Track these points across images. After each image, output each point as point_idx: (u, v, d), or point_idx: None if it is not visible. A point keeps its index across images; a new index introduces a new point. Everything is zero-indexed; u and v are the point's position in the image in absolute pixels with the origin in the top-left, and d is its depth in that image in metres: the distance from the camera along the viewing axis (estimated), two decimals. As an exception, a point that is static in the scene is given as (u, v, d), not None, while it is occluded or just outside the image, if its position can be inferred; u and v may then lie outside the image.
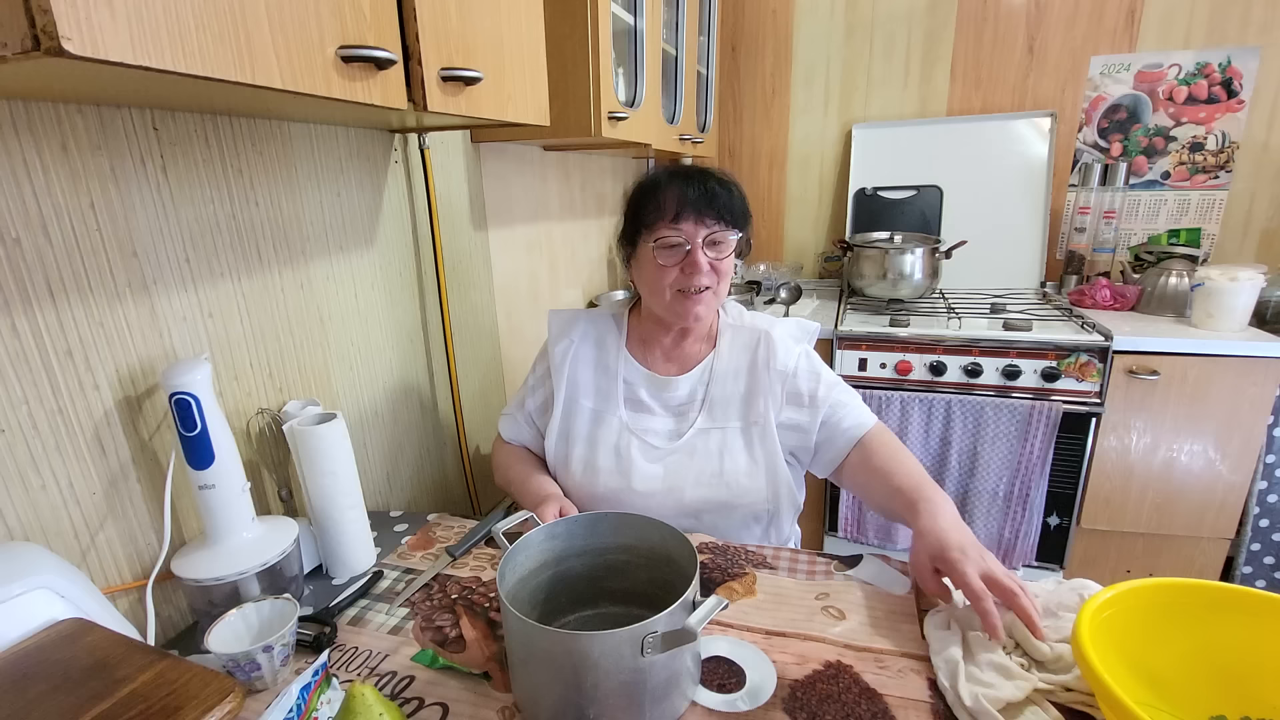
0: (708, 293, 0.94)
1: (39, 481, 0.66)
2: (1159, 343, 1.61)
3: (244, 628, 0.68)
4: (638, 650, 0.55)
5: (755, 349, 1.01)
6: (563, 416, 1.03)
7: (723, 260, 0.94)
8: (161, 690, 0.49)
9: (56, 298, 0.65)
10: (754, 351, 1.01)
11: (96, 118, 0.67)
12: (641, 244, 0.96)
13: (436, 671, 0.69)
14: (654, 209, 0.93)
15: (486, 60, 0.82)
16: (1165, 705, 0.57)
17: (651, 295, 0.98)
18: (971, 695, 0.60)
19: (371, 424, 1.13)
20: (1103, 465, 1.72)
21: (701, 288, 0.93)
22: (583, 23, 1.22)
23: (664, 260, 0.93)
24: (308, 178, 0.95)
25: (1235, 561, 1.77)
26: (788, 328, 1.04)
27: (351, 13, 0.60)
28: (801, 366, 1.01)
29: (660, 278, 0.94)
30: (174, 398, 0.69)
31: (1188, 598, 0.62)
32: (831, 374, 1.02)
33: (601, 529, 0.75)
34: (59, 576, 0.58)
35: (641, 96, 1.51)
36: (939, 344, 1.73)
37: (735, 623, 0.75)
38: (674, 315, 0.97)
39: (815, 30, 2.31)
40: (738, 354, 1.02)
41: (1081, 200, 2.13)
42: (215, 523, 0.75)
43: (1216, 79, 1.98)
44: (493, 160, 1.44)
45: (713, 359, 1.02)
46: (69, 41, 0.38)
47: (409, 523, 1.02)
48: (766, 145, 2.48)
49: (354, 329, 1.07)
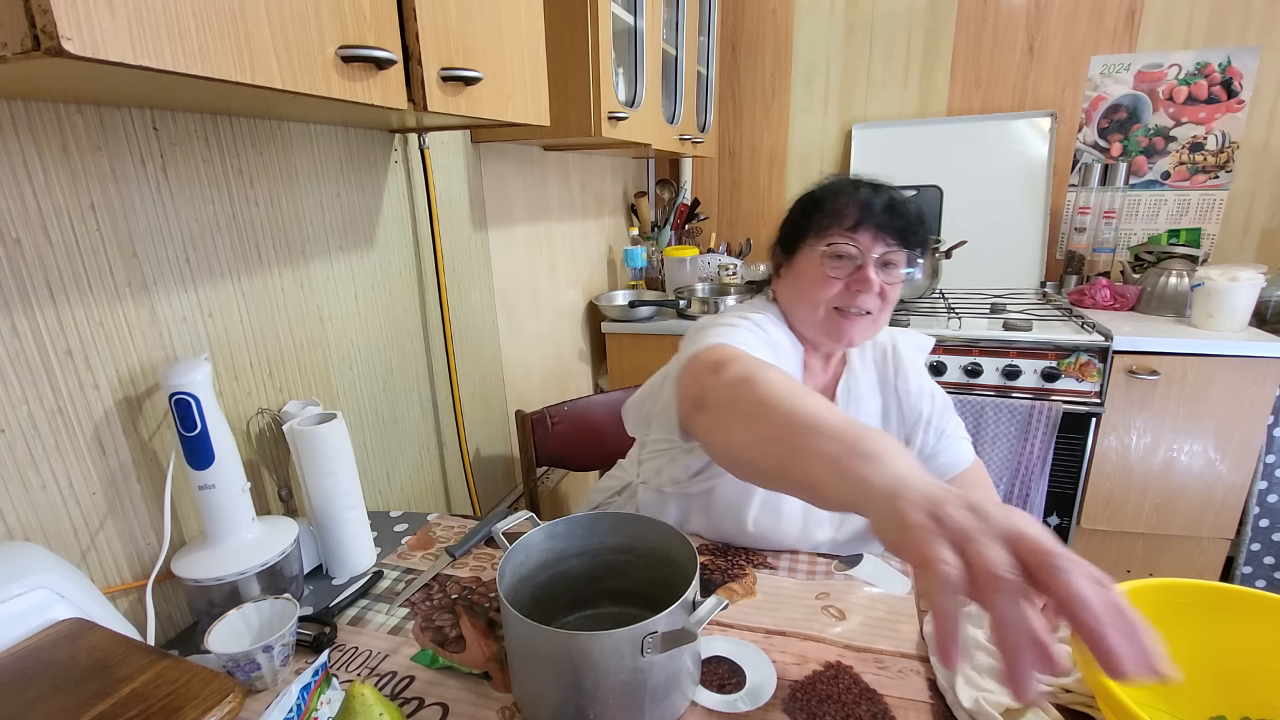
0: (868, 318, 0.86)
1: (39, 481, 0.66)
2: (1159, 343, 1.61)
3: (244, 628, 0.68)
4: (638, 650, 0.55)
5: (884, 364, 0.96)
6: None
7: (892, 286, 0.87)
8: (161, 690, 0.49)
9: (56, 298, 0.65)
10: (883, 368, 0.96)
11: (96, 118, 0.68)
12: (806, 250, 0.89)
13: (436, 671, 0.69)
14: (830, 213, 0.86)
15: (486, 60, 0.82)
16: (1165, 705, 0.57)
17: (804, 309, 0.90)
18: (971, 698, 0.60)
19: (371, 424, 1.13)
20: (1103, 465, 1.72)
21: (864, 310, 0.86)
22: (583, 23, 1.22)
23: (831, 271, 0.86)
24: (308, 178, 0.95)
25: (1235, 561, 1.77)
26: (911, 339, 0.99)
27: (351, 13, 0.60)
28: (925, 386, 0.96)
29: (820, 290, 0.87)
30: (174, 398, 0.69)
31: (1188, 598, 0.62)
32: (943, 396, 0.97)
33: (601, 529, 0.75)
34: (59, 576, 0.58)
35: (641, 96, 1.51)
36: (939, 344, 1.72)
37: (735, 623, 0.75)
38: (824, 335, 0.89)
39: (815, 30, 2.31)
40: (869, 370, 0.96)
41: (1081, 200, 2.13)
42: (215, 523, 0.75)
43: (1216, 79, 1.98)
44: (493, 160, 1.44)
45: (848, 379, 0.96)
46: (69, 41, 0.38)
47: (409, 523, 1.02)
48: (766, 145, 2.48)
49: (354, 329, 1.07)
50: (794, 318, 0.92)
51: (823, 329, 0.89)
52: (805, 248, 0.89)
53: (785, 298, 0.94)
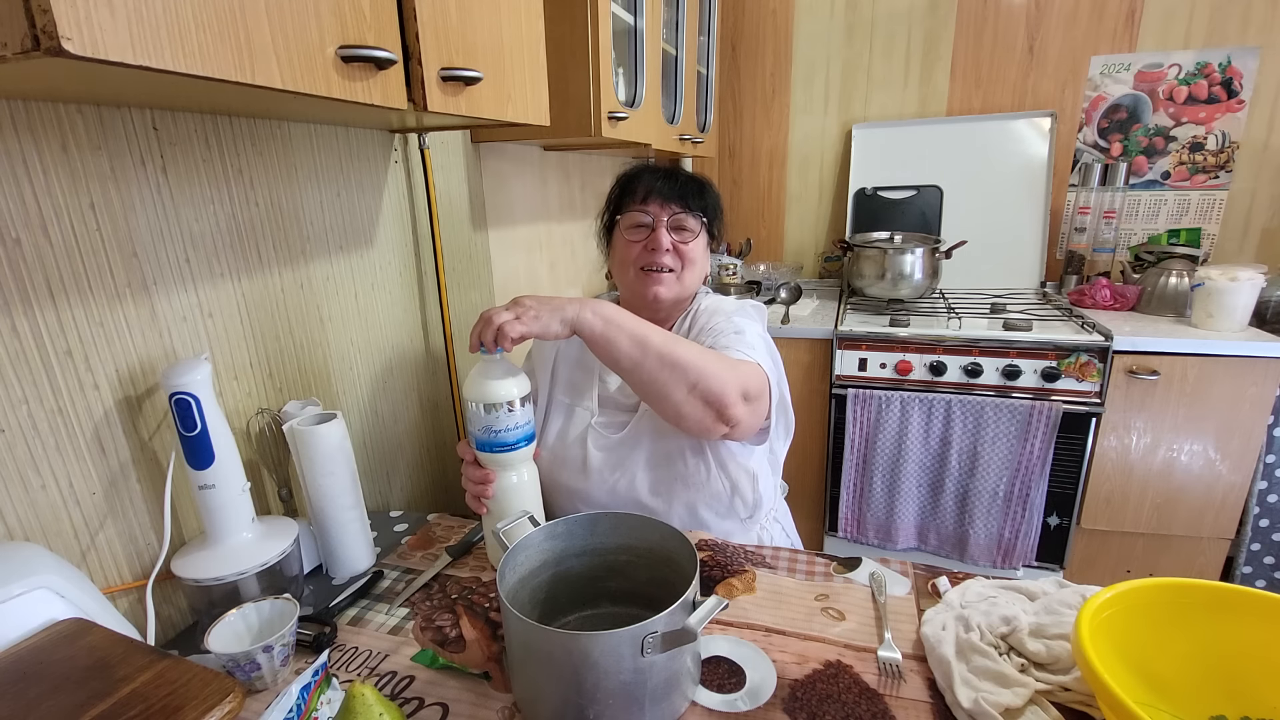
0: (670, 275, 0.99)
1: (39, 481, 0.66)
2: (1159, 343, 1.61)
3: (244, 628, 0.68)
4: (638, 650, 0.55)
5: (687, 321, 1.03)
6: (543, 413, 1.05)
7: (686, 244, 0.99)
8: (161, 690, 0.49)
9: (56, 298, 0.65)
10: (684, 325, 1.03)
11: (96, 118, 0.67)
12: (616, 230, 1.03)
13: (436, 671, 0.69)
14: (628, 195, 1.02)
15: (486, 60, 0.82)
16: (1165, 705, 0.57)
17: (621, 276, 1.04)
18: (971, 698, 0.60)
19: (371, 424, 1.13)
20: (1103, 465, 1.72)
21: (663, 266, 0.98)
22: (583, 23, 1.22)
23: (630, 237, 1.00)
24: (308, 178, 0.95)
25: (1235, 561, 1.77)
26: (726, 303, 1.04)
27: (351, 12, 0.60)
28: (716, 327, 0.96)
29: (627, 254, 1.00)
30: (174, 398, 0.69)
31: (1188, 598, 0.62)
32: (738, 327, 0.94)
33: (601, 529, 0.75)
34: (59, 576, 0.58)
35: (641, 96, 1.51)
36: (939, 344, 1.73)
37: (735, 620, 0.75)
38: (636, 296, 1.01)
39: (815, 30, 2.31)
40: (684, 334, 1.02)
41: (1081, 200, 2.13)
42: (215, 523, 0.75)
43: (1216, 79, 1.98)
44: (493, 160, 1.44)
45: None
46: (69, 41, 0.38)
47: (409, 523, 1.02)
48: (766, 145, 2.48)
49: (354, 329, 1.07)
50: (620, 289, 1.07)
51: (634, 289, 1.02)
52: (616, 228, 1.03)
53: (614, 274, 1.07)
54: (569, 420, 1.02)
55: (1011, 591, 0.76)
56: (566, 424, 1.02)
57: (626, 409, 1.01)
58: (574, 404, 1.03)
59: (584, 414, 1.02)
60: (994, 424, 1.67)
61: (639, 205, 1.00)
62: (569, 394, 1.04)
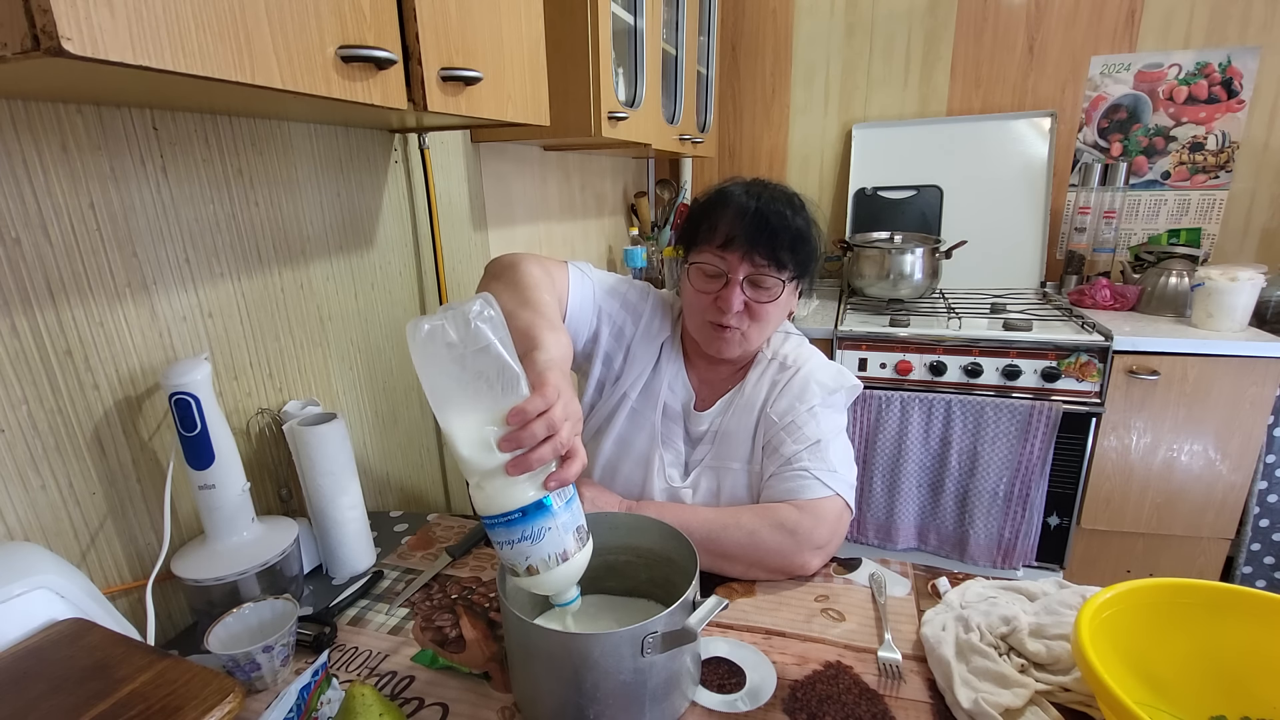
0: (736, 333, 0.86)
1: (39, 481, 0.66)
2: (1159, 343, 1.61)
3: (244, 628, 0.68)
4: (638, 650, 0.55)
5: (774, 387, 0.91)
6: (606, 395, 0.95)
7: (763, 305, 0.85)
8: (161, 690, 0.49)
9: (56, 298, 0.65)
10: (771, 390, 0.90)
11: (96, 118, 0.67)
12: (690, 262, 0.88)
13: (436, 671, 0.69)
14: (707, 228, 0.86)
15: (486, 60, 0.82)
16: (1165, 705, 0.57)
17: (688, 316, 0.91)
18: (970, 698, 0.60)
19: (371, 424, 1.13)
20: (1103, 465, 1.72)
21: (729, 324, 0.85)
22: (583, 23, 1.22)
23: (699, 286, 0.87)
24: (308, 178, 0.95)
25: (1235, 561, 1.77)
26: (824, 373, 0.91)
27: (351, 13, 0.60)
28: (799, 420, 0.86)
29: (694, 301, 0.88)
30: (174, 398, 0.69)
31: (1188, 598, 0.62)
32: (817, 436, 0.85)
33: (601, 529, 0.74)
34: (59, 576, 0.58)
35: (641, 96, 1.51)
36: (939, 344, 1.73)
37: (735, 623, 0.75)
38: (704, 343, 0.90)
39: (815, 30, 2.31)
40: (762, 390, 0.91)
41: (1081, 200, 2.13)
42: (215, 523, 0.75)
43: (1216, 79, 1.98)
44: (493, 160, 1.44)
45: (735, 394, 0.93)
46: (69, 41, 0.38)
47: (409, 523, 1.02)
48: (766, 145, 2.48)
49: (354, 329, 1.07)
50: (685, 322, 0.93)
51: (700, 337, 0.90)
52: (690, 258, 0.89)
53: (683, 306, 0.93)
54: (634, 428, 0.93)
55: (1011, 592, 0.76)
56: (632, 433, 0.93)
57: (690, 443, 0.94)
58: (642, 410, 0.94)
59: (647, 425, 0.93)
60: (994, 424, 1.67)
61: (716, 250, 0.84)
62: (642, 398, 0.94)
